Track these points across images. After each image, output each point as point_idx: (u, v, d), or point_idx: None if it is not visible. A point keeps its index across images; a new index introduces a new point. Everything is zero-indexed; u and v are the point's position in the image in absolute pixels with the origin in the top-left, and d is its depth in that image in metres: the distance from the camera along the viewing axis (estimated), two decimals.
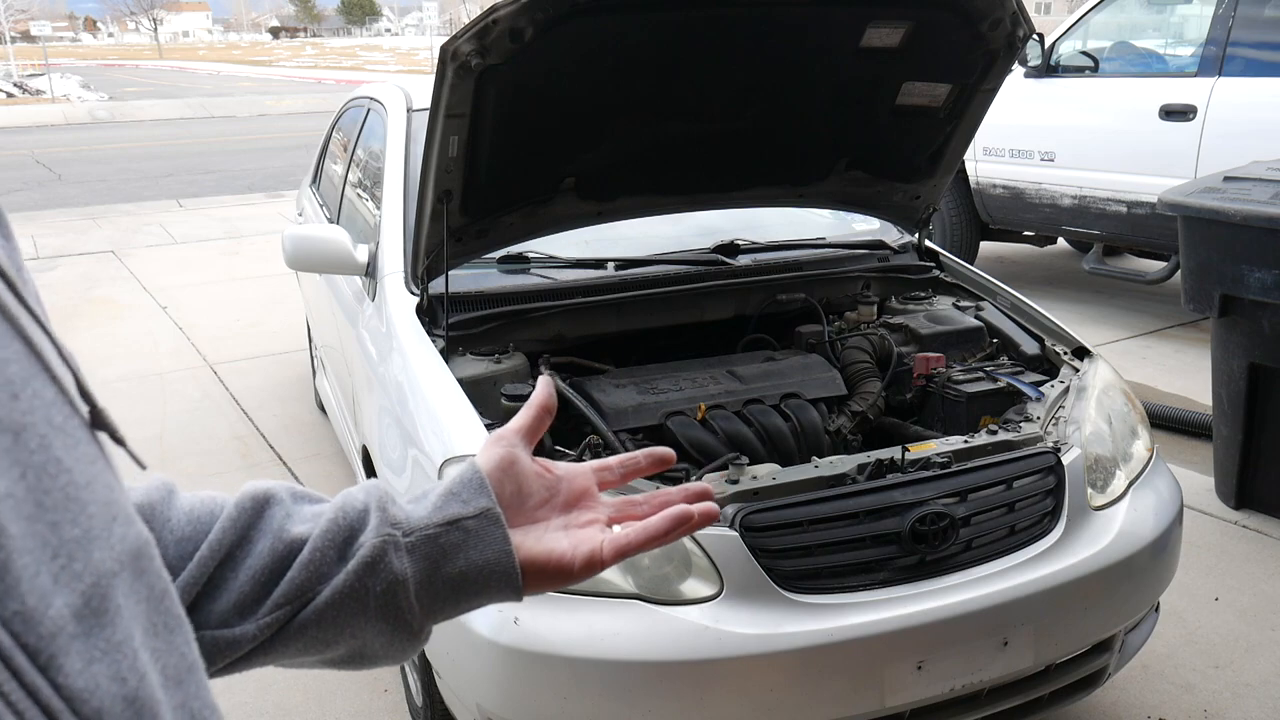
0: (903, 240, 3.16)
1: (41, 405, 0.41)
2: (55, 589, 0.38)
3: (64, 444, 0.41)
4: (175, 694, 0.44)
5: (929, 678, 1.94)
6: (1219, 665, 2.73)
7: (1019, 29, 2.48)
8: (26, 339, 0.42)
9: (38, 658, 0.37)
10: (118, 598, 0.41)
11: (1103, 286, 6.45)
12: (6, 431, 0.38)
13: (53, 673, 0.37)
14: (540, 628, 1.84)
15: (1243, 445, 3.47)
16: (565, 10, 2.05)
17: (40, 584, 0.38)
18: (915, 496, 1.98)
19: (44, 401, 0.41)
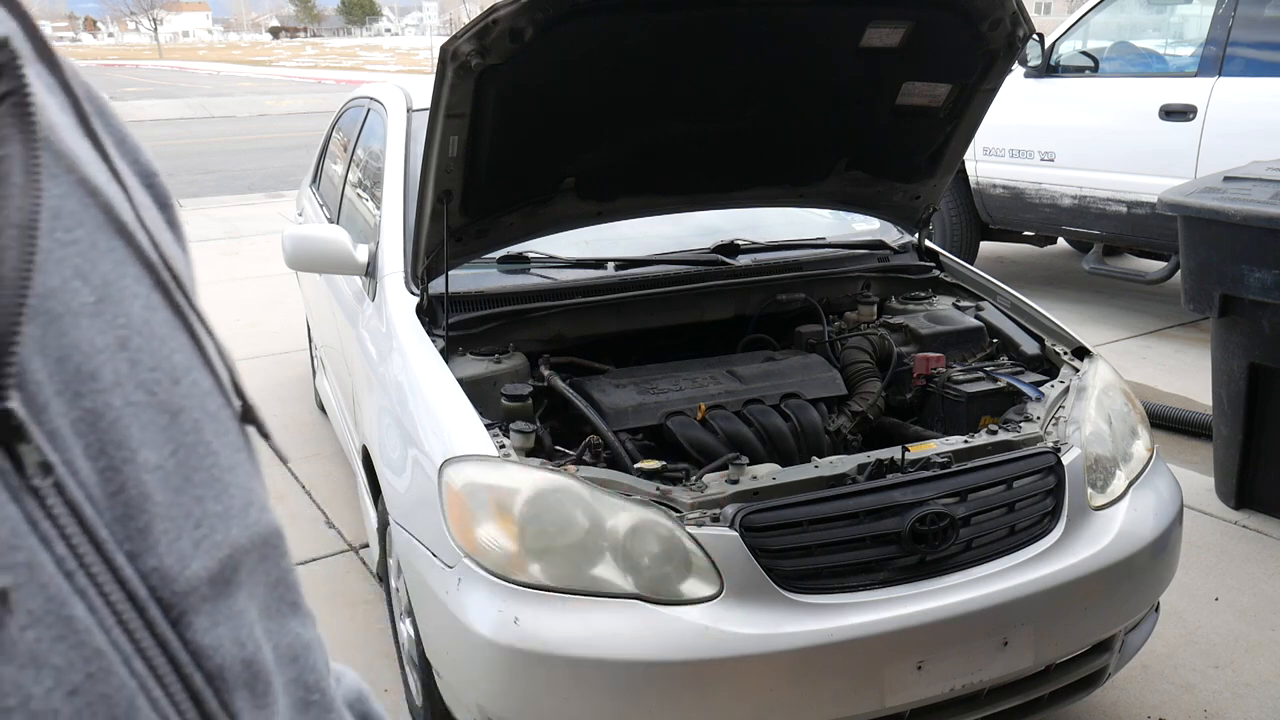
0: (903, 240, 3.16)
1: (198, 394, 0.45)
2: (194, 554, 0.42)
3: (214, 430, 0.45)
4: (289, 669, 0.49)
5: (929, 678, 1.94)
6: (1219, 665, 2.73)
7: (1019, 29, 2.48)
8: (193, 334, 0.47)
9: (170, 612, 0.41)
10: (243, 573, 0.45)
11: (1103, 286, 6.45)
12: (165, 412, 0.43)
13: (182, 627, 0.41)
14: (540, 627, 1.84)
15: (1243, 445, 3.47)
16: (565, 10, 2.05)
17: (180, 547, 0.42)
18: (915, 496, 1.99)
19: (201, 390, 0.45)
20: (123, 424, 0.41)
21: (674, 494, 1.97)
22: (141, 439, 0.41)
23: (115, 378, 0.41)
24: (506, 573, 1.89)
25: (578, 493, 1.94)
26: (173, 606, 0.41)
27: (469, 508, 1.98)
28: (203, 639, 0.42)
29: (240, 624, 0.44)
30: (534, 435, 2.14)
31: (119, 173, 0.47)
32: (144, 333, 0.43)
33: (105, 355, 0.41)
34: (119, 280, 0.43)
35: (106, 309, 0.42)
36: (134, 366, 0.42)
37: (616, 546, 1.90)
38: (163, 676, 0.40)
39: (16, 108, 0.39)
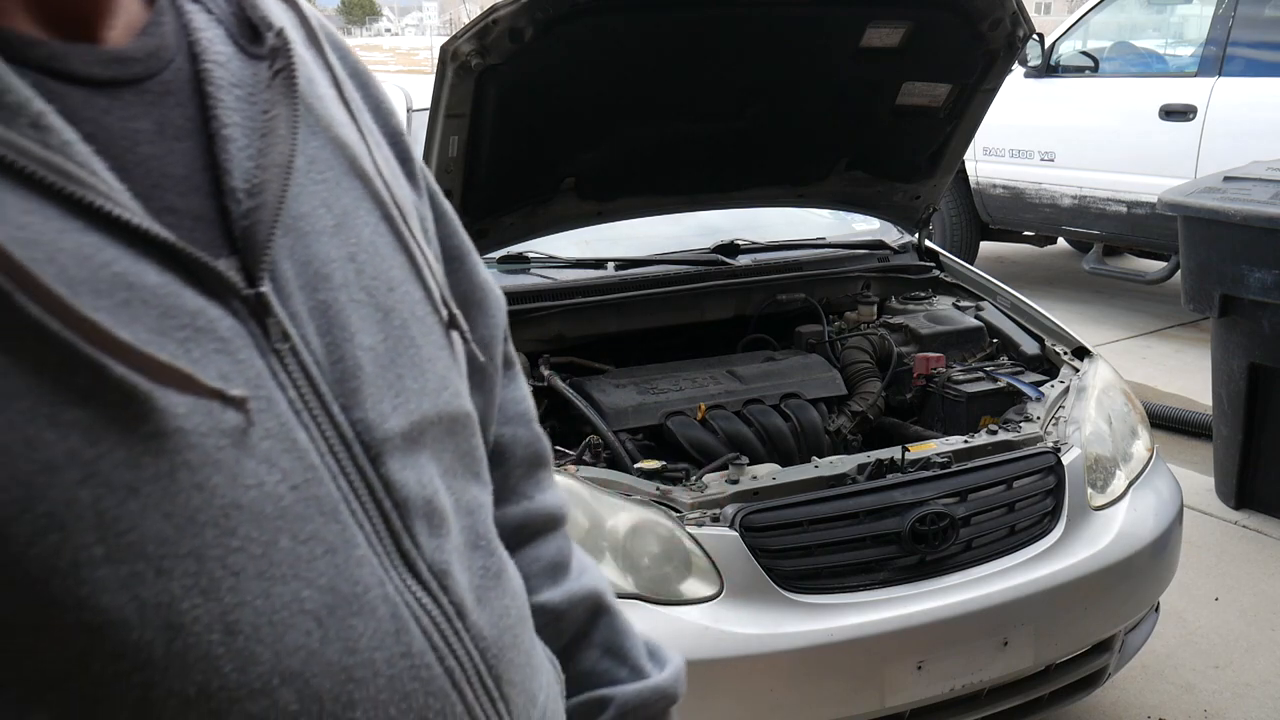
0: (903, 240, 3.16)
1: (409, 302, 0.59)
2: (391, 414, 0.55)
3: (419, 330, 0.59)
4: (466, 518, 0.61)
5: (929, 678, 1.94)
6: (1219, 665, 2.73)
7: (1019, 29, 2.48)
8: (410, 255, 0.61)
9: (369, 451, 0.54)
10: (429, 439, 0.58)
11: (1103, 286, 6.45)
12: (379, 310, 0.57)
13: (378, 465, 0.54)
14: None
15: (1243, 445, 3.47)
16: (565, 10, 2.05)
17: (381, 408, 0.55)
18: (915, 496, 1.98)
19: (411, 300, 0.60)
20: (346, 314, 0.55)
21: (674, 494, 1.97)
22: (359, 326, 0.55)
23: (344, 280, 0.55)
24: None
25: (578, 493, 1.94)
26: (371, 447, 0.54)
27: None
28: (393, 475, 0.54)
29: (424, 472, 0.57)
30: None
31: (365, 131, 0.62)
32: (369, 251, 0.58)
33: (337, 264, 0.55)
34: (354, 211, 0.58)
35: (342, 231, 0.57)
36: (359, 274, 0.56)
37: (616, 546, 1.90)
38: (359, 494, 0.53)
39: (286, 81, 0.55)
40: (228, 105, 0.53)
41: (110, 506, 0.43)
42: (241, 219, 0.51)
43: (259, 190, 0.52)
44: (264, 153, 0.53)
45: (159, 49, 0.52)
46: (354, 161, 0.60)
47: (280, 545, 0.48)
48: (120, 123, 0.49)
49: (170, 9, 0.55)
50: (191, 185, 0.51)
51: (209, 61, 0.54)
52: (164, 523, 0.44)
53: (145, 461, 0.44)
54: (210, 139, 0.52)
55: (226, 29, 0.56)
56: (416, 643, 0.54)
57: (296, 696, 0.48)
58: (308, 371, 0.52)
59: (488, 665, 0.59)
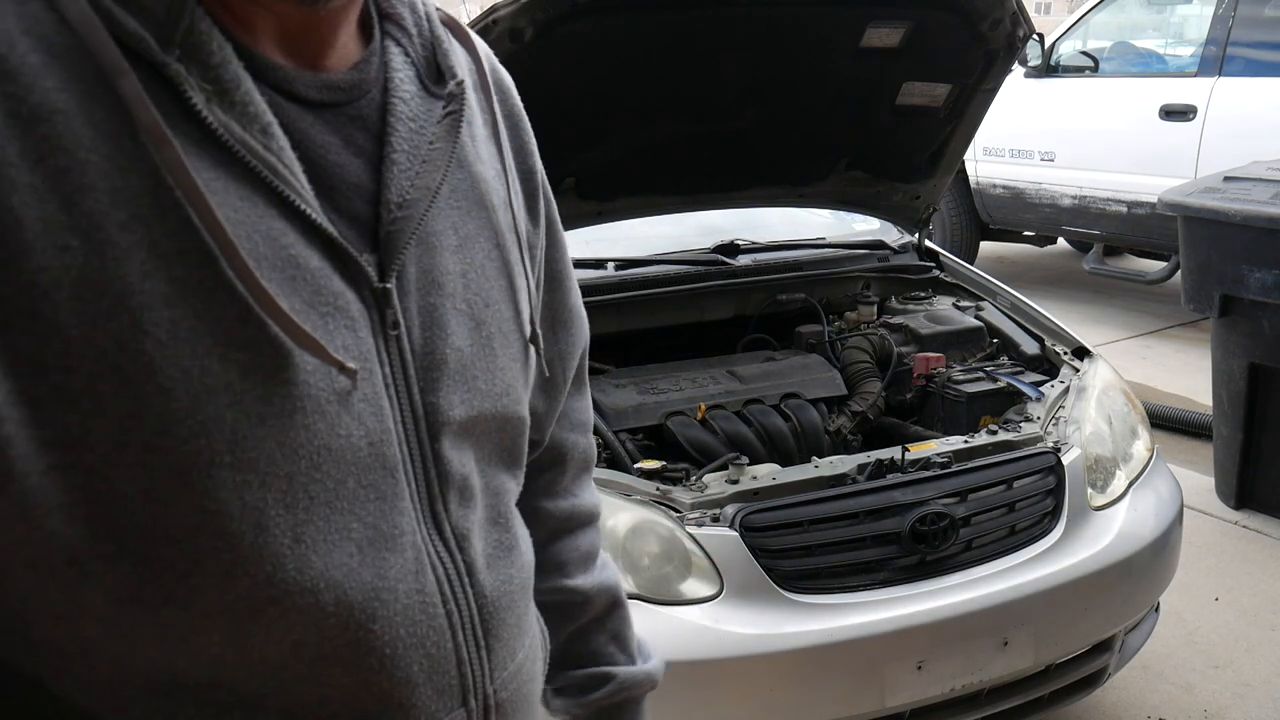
0: (903, 240, 3.16)
1: (498, 319, 0.71)
2: (457, 405, 0.68)
3: (501, 343, 0.71)
4: (491, 499, 0.73)
5: (929, 678, 1.94)
6: (1219, 665, 2.73)
7: (1019, 29, 2.48)
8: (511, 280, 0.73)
9: (431, 429, 0.66)
10: (478, 431, 0.70)
11: (1103, 286, 6.45)
12: (473, 320, 0.69)
13: (435, 441, 0.66)
14: None
15: (1243, 445, 3.47)
16: (565, 10, 2.05)
17: (451, 398, 0.67)
18: (915, 496, 1.98)
19: (501, 317, 0.71)
20: (447, 318, 0.67)
21: (674, 494, 1.97)
22: (455, 330, 0.67)
23: (453, 291, 0.68)
24: None
25: None
26: (434, 426, 0.66)
27: None
28: (444, 452, 0.67)
29: (465, 455, 0.69)
30: None
31: (507, 168, 0.76)
32: (478, 272, 0.70)
33: (451, 277, 0.68)
34: (475, 237, 0.70)
35: (462, 251, 0.69)
36: (466, 289, 0.69)
37: (616, 546, 1.90)
38: (414, 460, 0.65)
39: (452, 123, 0.68)
40: (401, 135, 0.65)
41: (243, 427, 0.56)
42: (388, 225, 0.63)
43: (407, 206, 0.64)
44: (420, 176, 0.65)
45: (362, 81, 0.65)
46: (486, 195, 0.72)
47: (348, 484, 0.61)
48: (319, 135, 0.62)
49: (379, 49, 0.68)
50: (359, 193, 0.64)
51: (395, 97, 0.66)
52: (275, 448, 0.57)
53: (276, 401, 0.57)
54: (382, 160, 0.64)
55: (417, 70, 0.68)
56: (429, 585, 0.66)
57: (334, 600, 0.60)
58: (404, 357, 0.64)
59: (481, 618, 0.70)
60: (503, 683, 0.73)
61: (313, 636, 0.61)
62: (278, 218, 0.58)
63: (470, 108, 0.70)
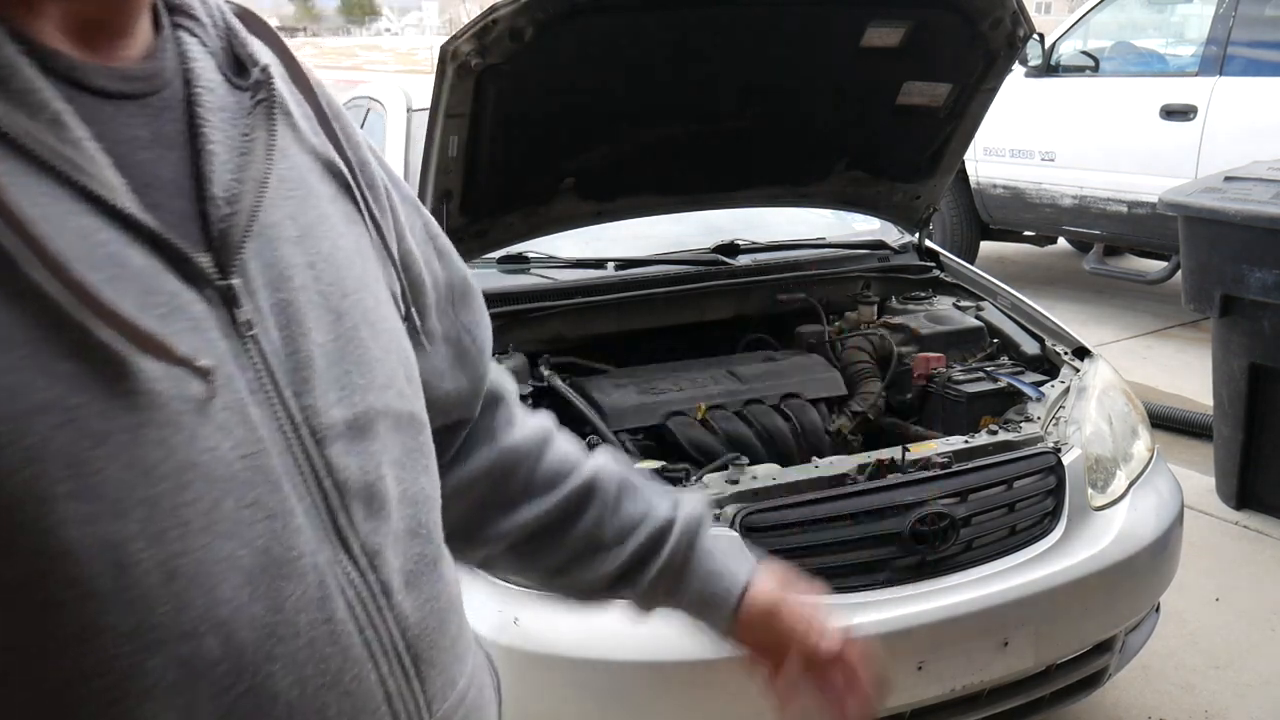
0: (903, 240, 3.15)
1: (361, 307, 0.66)
2: (336, 404, 0.62)
3: (369, 332, 0.66)
4: (409, 507, 0.67)
5: (929, 678, 1.94)
6: (1219, 666, 2.73)
7: (1019, 29, 2.48)
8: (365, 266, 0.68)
9: (315, 434, 0.60)
10: (379, 428, 0.64)
11: (1103, 286, 6.45)
12: (332, 312, 0.63)
13: (323, 448, 0.60)
14: (540, 628, 1.83)
15: (1243, 445, 3.47)
16: (565, 10, 2.04)
17: (328, 397, 0.61)
18: (915, 497, 1.98)
19: (364, 306, 0.66)
20: (303, 313, 0.61)
21: None
22: (314, 325, 0.62)
23: (303, 283, 0.62)
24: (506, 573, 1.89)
25: None
26: (317, 431, 0.60)
27: None
28: (336, 459, 0.61)
29: (368, 459, 0.63)
30: None
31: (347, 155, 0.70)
32: (327, 261, 0.65)
33: (298, 269, 0.62)
34: (317, 226, 0.65)
35: (304, 241, 0.64)
36: (316, 280, 0.63)
37: None
38: (303, 471, 0.59)
39: (266, 110, 0.63)
40: (214, 125, 0.60)
41: (82, 450, 0.49)
42: (219, 222, 0.58)
43: (235, 200, 0.59)
44: (242, 169, 0.60)
45: (160, 71, 0.60)
46: (322, 183, 0.68)
47: (225, 505, 0.54)
48: (124, 129, 0.57)
49: (171, 40, 0.62)
50: (178, 189, 0.58)
51: (199, 86, 0.61)
52: (126, 471, 0.50)
53: (118, 415, 0.50)
54: (197, 152, 0.59)
55: (217, 61, 0.63)
56: (339, 612, 0.59)
57: (221, 644, 0.53)
58: (266, 358, 0.59)
59: (407, 644, 0.63)
60: (445, 716, 0.66)
61: (203, 693, 0.53)
62: (87, 214, 0.52)
63: (282, 96, 0.66)
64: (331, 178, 0.69)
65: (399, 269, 0.74)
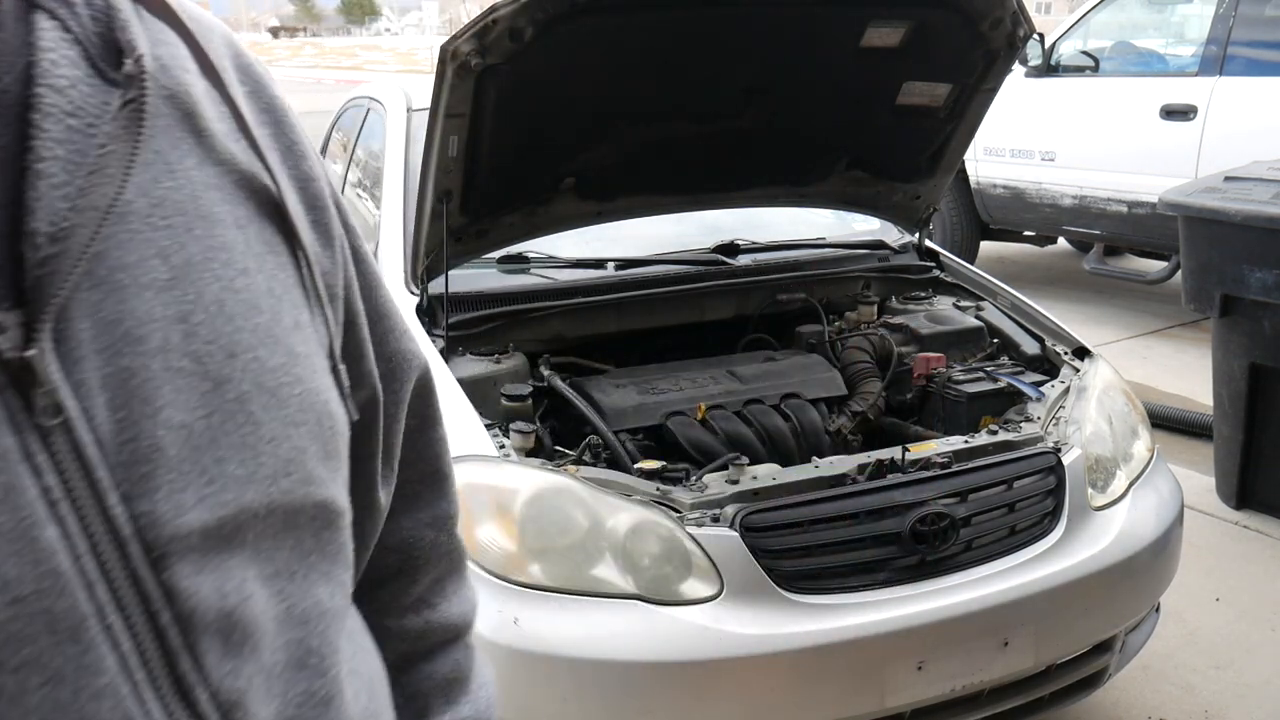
0: (903, 240, 3.16)
1: (256, 370, 0.50)
2: (194, 506, 0.47)
3: (264, 403, 0.50)
4: (295, 630, 0.52)
5: (929, 678, 1.94)
6: (1220, 666, 2.73)
7: (1019, 29, 2.48)
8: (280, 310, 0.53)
9: (151, 551, 0.45)
10: (251, 536, 0.49)
11: (1103, 286, 6.45)
12: (209, 380, 0.49)
13: (160, 568, 0.45)
14: (540, 628, 1.83)
15: (1243, 445, 3.47)
16: (565, 10, 2.04)
17: (181, 498, 0.46)
18: (915, 497, 1.98)
19: (261, 368, 0.51)
20: (155, 384, 0.46)
21: (674, 494, 1.97)
22: (171, 399, 0.47)
23: (163, 344, 0.47)
24: (506, 573, 1.89)
25: (578, 493, 1.94)
26: (154, 548, 0.45)
27: (468, 508, 1.98)
28: (180, 582, 0.46)
29: (230, 578, 0.48)
30: (534, 435, 2.14)
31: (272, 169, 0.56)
32: (211, 310, 0.50)
33: (159, 324, 0.47)
34: (205, 263, 0.50)
35: (177, 286, 0.49)
36: (188, 338, 0.48)
37: (616, 547, 1.89)
38: (125, 606, 0.44)
39: (134, 111, 0.47)
40: (53, 136, 0.45)
41: None
42: (36, 267, 0.44)
43: (64, 235, 0.44)
44: (84, 193, 0.45)
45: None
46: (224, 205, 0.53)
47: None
48: None
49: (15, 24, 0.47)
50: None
51: (42, 85, 0.46)
52: None
53: None
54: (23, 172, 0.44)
55: (85, 49, 0.48)
56: None
57: None
58: (81, 453, 0.44)
59: None
60: None
61: None
62: None
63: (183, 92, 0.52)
64: (248, 196, 0.55)
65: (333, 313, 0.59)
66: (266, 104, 0.60)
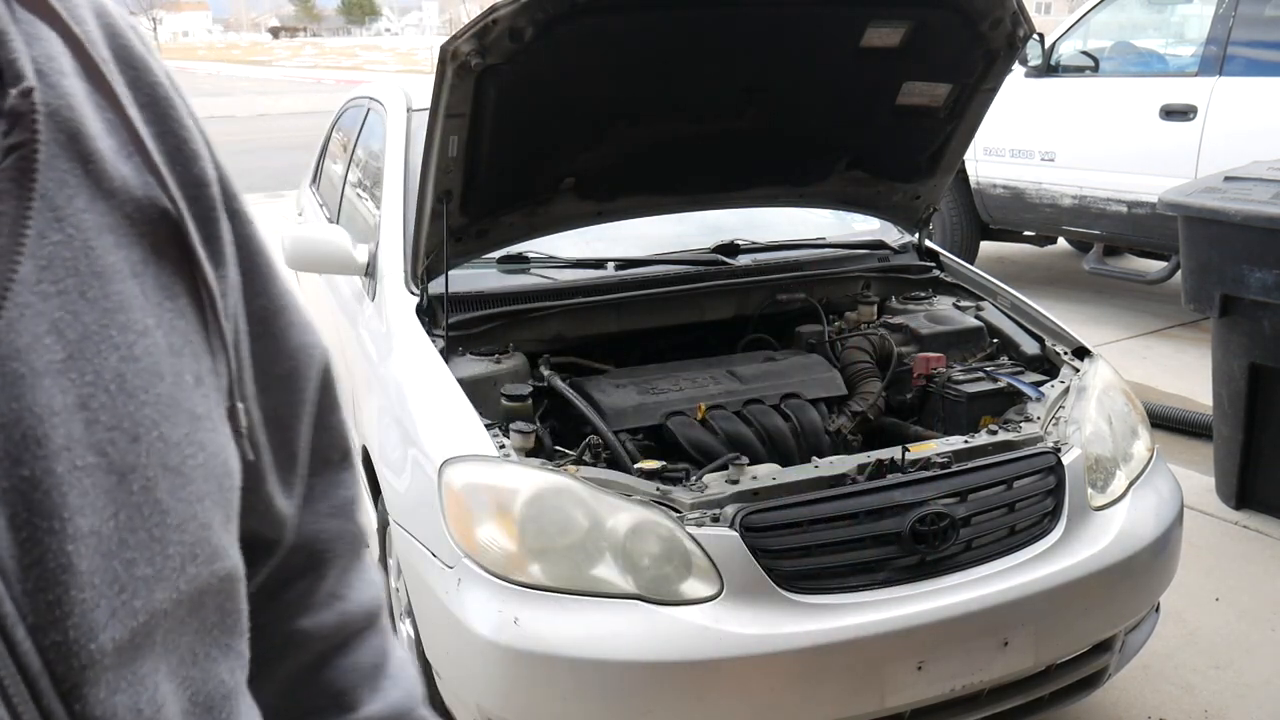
0: (903, 240, 3.16)
1: (160, 449, 0.44)
2: (108, 623, 0.41)
3: (169, 486, 0.44)
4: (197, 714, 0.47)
5: (929, 678, 1.94)
6: (1219, 666, 2.73)
7: (1019, 29, 2.48)
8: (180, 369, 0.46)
9: (62, 685, 0.39)
10: (159, 634, 0.44)
11: (1103, 286, 6.45)
12: (114, 473, 0.41)
13: (73, 700, 0.40)
14: (540, 628, 1.83)
15: (1243, 445, 3.47)
16: (565, 10, 2.05)
17: (94, 617, 0.40)
18: (915, 497, 1.98)
19: (166, 444, 0.44)
20: (60, 490, 0.40)
21: (674, 494, 1.97)
22: (79, 505, 0.40)
23: (66, 441, 0.40)
24: (506, 573, 1.89)
25: (578, 493, 1.94)
26: (66, 679, 0.40)
27: (469, 508, 1.98)
28: (94, 710, 0.41)
29: (141, 690, 0.43)
30: (534, 435, 2.14)
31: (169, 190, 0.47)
32: (111, 389, 0.42)
33: (61, 417, 0.40)
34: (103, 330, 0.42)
35: (75, 365, 0.41)
36: (90, 427, 0.41)
37: (616, 547, 1.90)
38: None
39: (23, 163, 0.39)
40: None
41: None
42: None
43: None
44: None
45: None
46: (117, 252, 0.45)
47: None
48: None
49: None
50: None
51: None
52: None
53: None
54: None
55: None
56: None
57: None
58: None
59: None
60: None
61: None
62: None
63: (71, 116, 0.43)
64: (144, 233, 0.46)
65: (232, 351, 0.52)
66: (149, 94, 0.50)
